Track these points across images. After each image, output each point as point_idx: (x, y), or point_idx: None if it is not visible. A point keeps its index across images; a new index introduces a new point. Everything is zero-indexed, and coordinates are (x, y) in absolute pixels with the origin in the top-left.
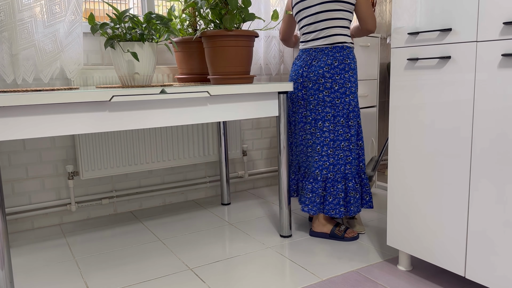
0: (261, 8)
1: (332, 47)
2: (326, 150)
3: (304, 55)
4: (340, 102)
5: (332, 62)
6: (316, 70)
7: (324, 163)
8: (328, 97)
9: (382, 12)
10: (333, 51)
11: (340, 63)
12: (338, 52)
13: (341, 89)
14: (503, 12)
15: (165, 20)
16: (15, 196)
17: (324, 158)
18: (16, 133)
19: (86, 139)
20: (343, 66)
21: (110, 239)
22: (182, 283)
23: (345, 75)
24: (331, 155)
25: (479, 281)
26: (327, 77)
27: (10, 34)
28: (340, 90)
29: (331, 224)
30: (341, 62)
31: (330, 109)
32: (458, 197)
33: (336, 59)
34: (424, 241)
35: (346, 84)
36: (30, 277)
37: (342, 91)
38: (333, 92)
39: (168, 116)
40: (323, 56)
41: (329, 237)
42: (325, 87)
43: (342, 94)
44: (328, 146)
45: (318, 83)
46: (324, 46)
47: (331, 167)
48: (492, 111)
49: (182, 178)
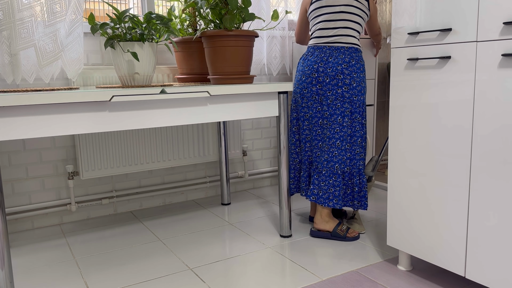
0: (261, 8)
1: (348, 47)
2: (344, 144)
3: (317, 52)
4: (357, 100)
5: (350, 60)
6: (334, 66)
7: (343, 157)
8: (347, 93)
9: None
10: (349, 51)
11: (357, 63)
12: (354, 52)
13: (358, 87)
14: (503, 12)
15: (165, 20)
16: (15, 196)
17: (343, 153)
18: (16, 133)
19: (86, 139)
20: (359, 66)
21: (110, 239)
22: (182, 283)
23: (361, 74)
24: (348, 149)
25: (479, 281)
26: (346, 73)
27: (9, 33)
28: (357, 88)
29: (334, 222)
30: (357, 61)
31: (348, 105)
32: (458, 197)
33: (353, 58)
34: (424, 241)
35: (362, 84)
36: (30, 277)
37: (359, 89)
38: (352, 88)
39: (168, 116)
40: (339, 54)
41: (331, 236)
42: (344, 83)
43: (358, 92)
44: (347, 141)
45: (337, 78)
46: (341, 45)
47: (348, 161)
48: (492, 111)
49: (182, 178)
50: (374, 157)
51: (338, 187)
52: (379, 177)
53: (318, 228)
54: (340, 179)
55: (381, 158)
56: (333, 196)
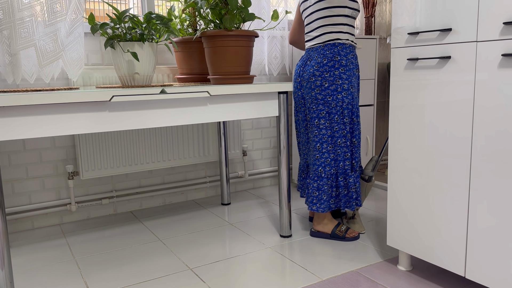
0: (262, 8)
1: (324, 45)
2: (326, 146)
3: (305, 55)
4: (332, 99)
5: (322, 60)
6: (308, 69)
7: (326, 159)
8: (320, 95)
9: (382, 12)
10: (324, 49)
11: (330, 61)
12: (328, 49)
13: (332, 86)
14: (503, 12)
15: (165, 20)
16: (15, 196)
17: (325, 155)
18: (16, 133)
19: (86, 139)
20: (333, 63)
21: (110, 239)
22: (182, 283)
23: (335, 72)
24: (331, 151)
25: (479, 281)
26: (317, 75)
27: (9, 33)
28: (331, 87)
29: (332, 224)
30: (331, 59)
31: (323, 107)
32: (458, 197)
33: (326, 57)
34: (424, 241)
35: (337, 81)
36: (30, 277)
37: (333, 88)
38: (324, 89)
39: (168, 116)
40: (315, 55)
41: (330, 237)
42: (315, 85)
43: (333, 91)
44: (328, 143)
45: (310, 81)
46: (318, 45)
47: (333, 162)
48: (492, 111)
49: (182, 178)
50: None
51: (321, 191)
52: (379, 177)
53: (317, 229)
54: (324, 181)
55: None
56: (317, 200)
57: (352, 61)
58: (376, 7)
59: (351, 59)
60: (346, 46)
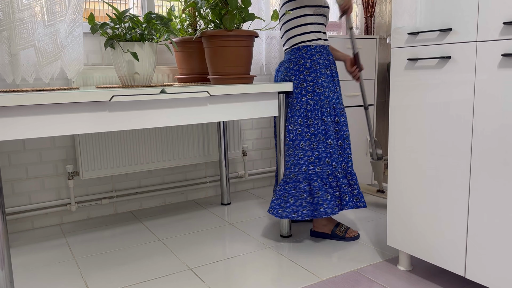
0: (261, 8)
1: (290, 49)
2: (287, 150)
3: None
4: (297, 102)
5: (288, 64)
6: (279, 75)
7: (286, 163)
8: (289, 98)
9: (382, 12)
10: (290, 54)
11: (295, 65)
12: (294, 54)
13: (297, 89)
14: (503, 12)
15: (165, 20)
16: (15, 196)
17: (286, 159)
18: (16, 133)
19: (86, 139)
20: (298, 67)
21: (110, 239)
22: (182, 283)
23: (300, 75)
24: (291, 155)
25: (479, 281)
26: (286, 80)
27: (9, 33)
28: (296, 90)
29: (332, 224)
30: (296, 63)
31: (288, 109)
32: (458, 197)
33: (291, 62)
34: (424, 241)
35: (302, 84)
36: (30, 277)
37: (298, 91)
38: (291, 93)
39: (168, 116)
40: (285, 61)
41: (330, 237)
42: None
43: (298, 94)
44: (289, 146)
45: None
46: (286, 51)
47: (292, 167)
48: (492, 111)
49: (182, 178)
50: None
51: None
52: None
53: (316, 230)
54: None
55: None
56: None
57: (318, 61)
58: (376, 7)
59: (318, 59)
60: (312, 48)
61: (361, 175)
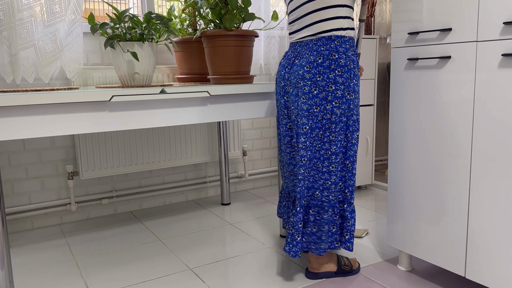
0: (261, 8)
1: (316, 38)
2: (302, 172)
3: (290, 51)
4: (319, 111)
5: (315, 58)
6: (296, 71)
7: (301, 188)
8: (305, 105)
9: (382, 12)
10: (318, 45)
11: (326, 59)
12: (324, 45)
13: (321, 93)
14: (503, 12)
15: (165, 20)
16: (15, 196)
17: (301, 183)
18: (16, 133)
19: (86, 139)
20: (329, 62)
21: (110, 239)
22: (182, 283)
23: (330, 74)
24: (306, 177)
25: (479, 281)
26: (307, 78)
27: (9, 33)
28: (320, 95)
29: (332, 261)
30: (326, 57)
31: (306, 120)
32: (458, 197)
33: (321, 55)
34: (424, 241)
35: (329, 87)
36: (30, 277)
37: (322, 96)
38: (311, 98)
39: (168, 116)
40: (306, 51)
41: (336, 275)
42: (303, 92)
43: (321, 100)
44: (305, 167)
45: (298, 87)
46: (309, 39)
47: (306, 191)
48: (492, 111)
49: (182, 178)
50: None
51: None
52: (379, 177)
53: (317, 271)
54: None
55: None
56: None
57: (352, 59)
58: (376, 7)
59: (352, 56)
60: (345, 40)
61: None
